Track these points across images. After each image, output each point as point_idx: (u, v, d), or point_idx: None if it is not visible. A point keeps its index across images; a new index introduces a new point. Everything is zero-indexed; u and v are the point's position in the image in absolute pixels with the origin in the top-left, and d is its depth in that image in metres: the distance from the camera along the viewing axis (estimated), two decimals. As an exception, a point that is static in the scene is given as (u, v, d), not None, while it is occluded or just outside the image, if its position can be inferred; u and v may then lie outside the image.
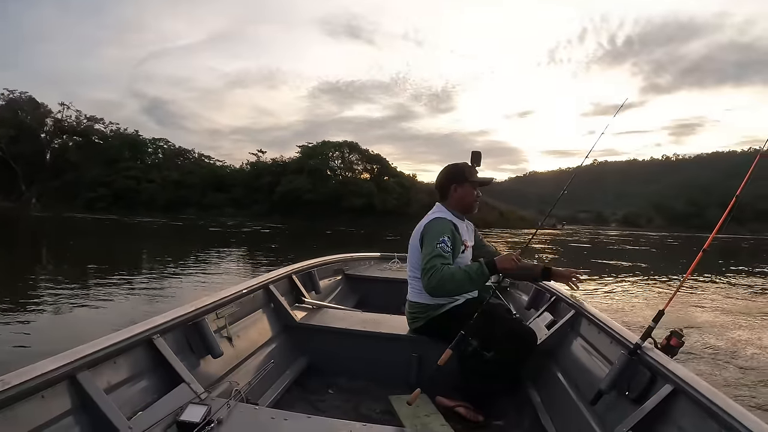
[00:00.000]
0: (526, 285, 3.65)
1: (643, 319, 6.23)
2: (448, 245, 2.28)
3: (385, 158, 58.83)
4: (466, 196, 2.51)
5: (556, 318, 2.71)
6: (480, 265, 2.20)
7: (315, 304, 3.08)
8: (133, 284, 7.77)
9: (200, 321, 1.91)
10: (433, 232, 2.32)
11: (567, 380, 2.27)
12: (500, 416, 2.26)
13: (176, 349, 1.74)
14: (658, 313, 1.82)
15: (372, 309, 3.46)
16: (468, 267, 2.23)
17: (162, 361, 1.64)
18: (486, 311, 2.26)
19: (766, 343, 5.67)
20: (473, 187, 2.51)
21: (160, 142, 65.31)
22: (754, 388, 4.01)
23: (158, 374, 1.63)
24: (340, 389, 2.48)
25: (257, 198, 53.32)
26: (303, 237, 24.82)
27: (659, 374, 1.61)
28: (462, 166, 2.55)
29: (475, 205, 2.58)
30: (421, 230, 2.41)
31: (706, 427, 1.33)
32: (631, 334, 1.92)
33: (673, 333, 1.80)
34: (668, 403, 1.52)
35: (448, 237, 2.30)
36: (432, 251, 2.23)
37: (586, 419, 1.88)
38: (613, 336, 2.01)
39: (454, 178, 2.52)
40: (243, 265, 11.60)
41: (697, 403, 1.38)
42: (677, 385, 1.49)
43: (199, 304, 1.97)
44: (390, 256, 5.02)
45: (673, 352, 1.76)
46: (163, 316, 1.76)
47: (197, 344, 1.89)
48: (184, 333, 1.86)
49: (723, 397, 1.33)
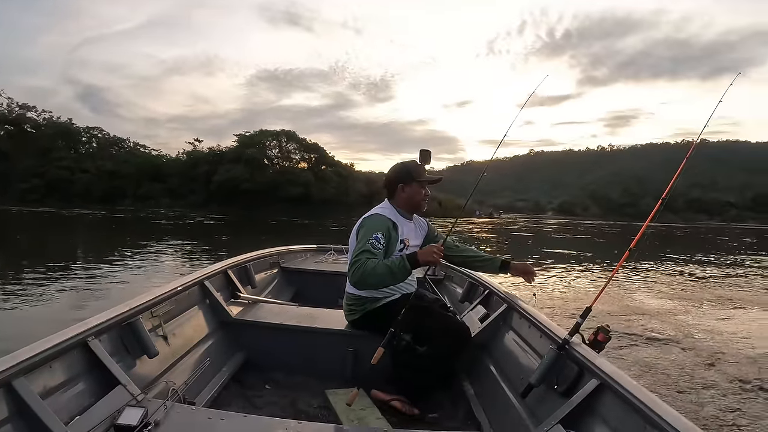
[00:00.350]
0: (461, 278, 3.66)
1: (580, 310, 6.50)
2: (381, 242, 2.27)
3: (322, 147, 59.46)
4: (414, 195, 2.51)
5: (489, 312, 2.75)
6: (402, 258, 2.19)
7: (251, 299, 3.06)
8: (70, 281, 7.41)
9: (135, 321, 1.87)
10: (367, 228, 2.32)
11: (499, 373, 2.32)
12: (435, 409, 2.29)
13: (112, 351, 1.72)
14: (586, 310, 1.89)
15: (308, 302, 3.49)
16: (391, 261, 2.21)
17: (98, 364, 1.62)
18: (420, 306, 2.32)
19: (700, 329, 5.78)
20: (421, 186, 2.51)
21: (95, 131, 64.01)
22: (684, 375, 4.06)
23: (94, 377, 1.61)
24: (278, 385, 2.47)
25: (194, 188, 52.83)
26: (244, 228, 24.55)
27: (586, 369, 1.66)
28: (410, 166, 2.54)
29: (423, 204, 2.57)
30: (358, 225, 2.41)
31: (630, 420, 1.37)
32: (560, 329, 1.96)
33: (600, 329, 1.85)
34: (594, 398, 1.56)
35: (382, 234, 2.29)
36: (361, 246, 2.24)
37: (518, 412, 1.92)
38: (543, 331, 2.06)
39: (401, 177, 2.51)
40: (190, 259, 11.38)
41: (621, 398, 1.42)
42: (603, 380, 1.53)
43: (134, 303, 1.93)
44: (326, 248, 5.03)
45: (600, 347, 1.81)
46: (98, 317, 1.73)
47: (132, 344, 1.86)
48: (119, 333, 1.82)
49: (646, 392, 1.37)
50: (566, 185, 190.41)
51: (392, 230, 2.37)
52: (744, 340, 5.41)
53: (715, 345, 5.08)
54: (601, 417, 1.52)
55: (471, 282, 3.36)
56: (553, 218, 75.84)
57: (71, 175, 53.06)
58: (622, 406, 1.42)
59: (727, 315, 6.84)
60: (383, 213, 2.43)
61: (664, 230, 39.73)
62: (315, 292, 3.95)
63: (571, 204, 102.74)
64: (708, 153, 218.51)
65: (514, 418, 1.91)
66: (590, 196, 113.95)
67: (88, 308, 5.55)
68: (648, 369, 4.17)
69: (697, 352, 4.75)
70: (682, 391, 3.70)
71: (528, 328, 2.25)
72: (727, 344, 5.15)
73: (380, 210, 2.48)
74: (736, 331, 5.80)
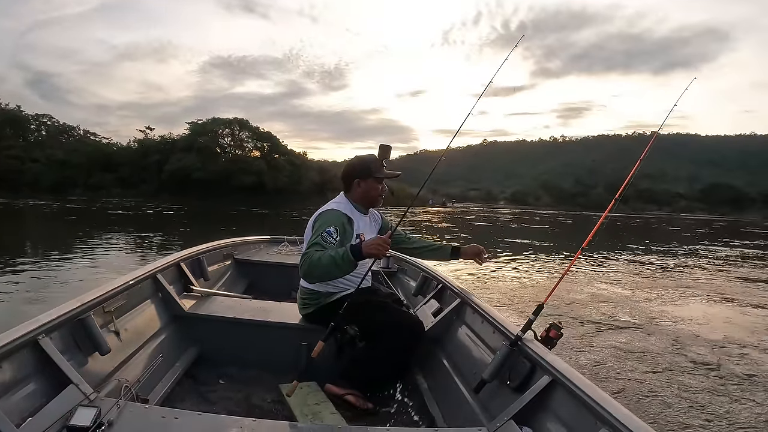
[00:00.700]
0: (415, 271, 3.66)
1: (534, 305, 6.59)
2: (334, 236, 2.25)
3: (275, 136, 58.95)
4: (370, 190, 2.49)
5: (443, 306, 2.76)
6: (345, 250, 2.13)
7: (204, 292, 3.02)
8: (20, 276, 7.13)
9: (86, 317, 1.83)
10: (321, 222, 2.32)
11: (453, 368, 2.33)
12: (389, 403, 2.29)
13: (63, 349, 1.67)
14: (538, 307, 1.92)
15: (262, 294, 3.47)
16: (335, 252, 2.15)
17: (49, 362, 1.58)
18: (373, 300, 2.38)
19: (655, 320, 5.85)
20: (378, 182, 2.49)
21: (44, 119, 62.29)
22: (636, 369, 4.12)
23: (46, 376, 1.56)
24: (232, 379, 2.45)
25: (145, 177, 51.83)
26: (199, 218, 23.96)
27: (538, 365, 1.67)
28: (368, 161, 2.50)
29: (379, 200, 2.56)
30: (313, 219, 2.40)
31: (581, 417, 1.39)
32: (513, 324, 1.98)
33: (552, 325, 1.87)
34: (547, 394, 1.58)
35: (336, 228, 2.28)
36: (313, 239, 2.23)
37: (471, 407, 1.94)
38: (496, 326, 2.07)
39: (358, 172, 2.48)
40: (149, 248, 11.30)
41: (572, 395, 1.44)
42: (555, 377, 1.55)
43: (85, 298, 1.88)
44: (280, 239, 4.98)
45: (552, 344, 1.83)
46: (48, 314, 1.67)
47: (84, 342, 1.81)
48: (70, 331, 1.78)
49: (597, 389, 1.39)
50: (519, 175, 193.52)
51: (347, 225, 2.37)
52: (701, 328, 5.57)
53: (669, 337, 5.12)
54: (554, 413, 1.54)
55: (425, 275, 3.37)
56: (506, 207, 78.05)
57: (21, 165, 51.33)
58: (574, 403, 1.44)
59: (680, 305, 6.99)
60: (338, 208, 2.42)
61: (619, 222, 39.67)
62: (268, 285, 3.95)
63: (523, 194, 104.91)
64: (658, 145, 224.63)
65: (467, 413, 1.93)
66: (542, 186, 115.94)
67: (40, 303, 5.34)
68: (600, 363, 4.18)
69: (651, 344, 4.81)
70: (634, 387, 3.68)
71: (481, 323, 2.28)
72: (682, 335, 5.21)
73: (335, 205, 2.46)
74: (692, 320, 5.95)
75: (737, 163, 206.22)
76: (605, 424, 1.28)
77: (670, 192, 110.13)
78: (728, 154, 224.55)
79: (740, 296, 7.94)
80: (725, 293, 8.15)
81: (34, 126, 61.83)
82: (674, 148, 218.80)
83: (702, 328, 5.59)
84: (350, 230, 2.39)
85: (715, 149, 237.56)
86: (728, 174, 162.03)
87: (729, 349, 4.81)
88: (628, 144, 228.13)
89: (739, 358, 4.54)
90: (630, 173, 2.08)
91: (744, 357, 4.60)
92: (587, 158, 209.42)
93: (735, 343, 5.05)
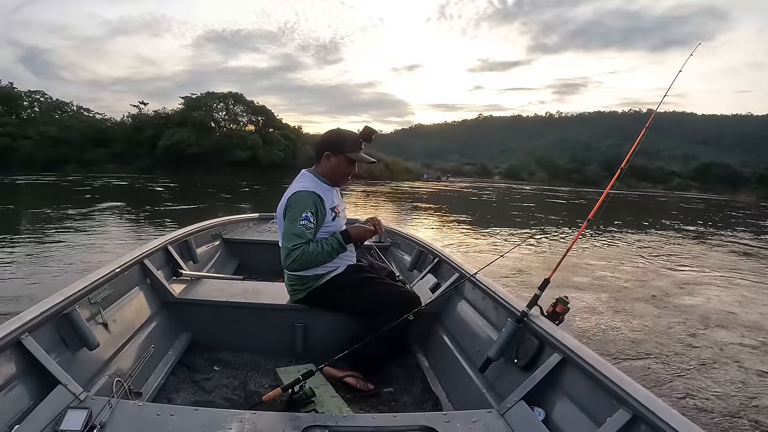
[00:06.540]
0: (409, 245, 3.61)
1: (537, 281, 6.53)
2: (312, 221, 2.20)
3: (270, 110, 57.96)
4: (338, 167, 2.36)
5: (440, 281, 2.71)
6: (338, 241, 2.18)
7: (193, 276, 2.96)
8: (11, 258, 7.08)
9: (72, 311, 1.74)
10: (295, 208, 2.22)
11: (455, 346, 2.27)
12: (390, 383, 2.24)
13: (48, 347, 1.59)
14: (544, 282, 1.85)
15: (252, 274, 3.44)
16: (328, 244, 2.18)
17: (34, 363, 1.49)
18: (365, 277, 2.35)
19: (663, 296, 5.75)
20: (349, 162, 2.35)
21: (37, 95, 60.81)
22: (649, 344, 4.05)
23: (32, 378, 1.48)
24: (226, 365, 2.38)
25: (139, 153, 51.05)
26: (195, 193, 23.66)
27: (547, 342, 1.63)
28: (344, 136, 2.36)
29: (345, 180, 2.44)
30: (284, 204, 2.30)
31: (596, 396, 1.35)
32: (518, 300, 1.92)
33: (558, 300, 1.81)
34: (558, 372, 1.54)
35: (311, 212, 2.21)
36: (293, 230, 2.17)
37: (477, 387, 1.89)
38: (499, 302, 2.02)
39: (330, 145, 2.36)
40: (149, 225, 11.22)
41: (585, 373, 1.40)
42: (566, 355, 1.51)
43: (69, 291, 1.80)
44: (269, 216, 4.84)
45: (560, 319, 1.78)
46: (31, 310, 1.59)
47: (71, 337, 1.73)
48: (55, 327, 1.69)
49: (611, 367, 1.36)
50: (514, 150, 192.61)
51: (319, 204, 2.27)
52: (710, 307, 5.44)
53: (678, 311, 4.98)
54: (566, 393, 1.49)
55: (420, 249, 3.30)
56: (500, 182, 78.37)
57: (13, 142, 50.34)
58: (588, 382, 1.40)
59: (687, 281, 6.90)
60: (307, 188, 2.30)
61: (619, 196, 38.95)
62: (259, 263, 3.90)
63: (518, 169, 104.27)
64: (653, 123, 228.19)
65: (474, 394, 1.88)
66: (537, 162, 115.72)
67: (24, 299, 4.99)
68: (609, 338, 4.08)
69: (660, 319, 4.67)
70: (648, 362, 3.55)
71: (482, 299, 2.22)
72: (691, 310, 5.08)
73: (303, 186, 2.32)
74: (700, 296, 5.85)
75: (733, 142, 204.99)
76: (623, 404, 1.25)
77: (664, 170, 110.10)
78: (724, 133, 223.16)
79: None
80: (736, 268, 8.38)
81: (27, 103, 60.71)
82: (670, 126, 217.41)
83: (713, 310, 5.48)
84: (322, 208, 2.30)
85: (711, 129, 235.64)
86: (724, 153, 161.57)
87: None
88: (623, 121, 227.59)
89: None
90: (631, 149, 2.04)
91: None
92: (582, 134, 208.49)
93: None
